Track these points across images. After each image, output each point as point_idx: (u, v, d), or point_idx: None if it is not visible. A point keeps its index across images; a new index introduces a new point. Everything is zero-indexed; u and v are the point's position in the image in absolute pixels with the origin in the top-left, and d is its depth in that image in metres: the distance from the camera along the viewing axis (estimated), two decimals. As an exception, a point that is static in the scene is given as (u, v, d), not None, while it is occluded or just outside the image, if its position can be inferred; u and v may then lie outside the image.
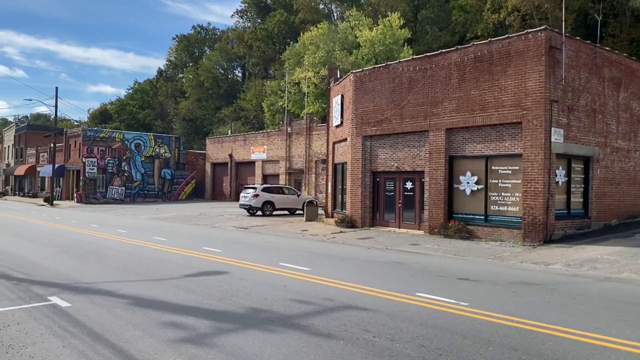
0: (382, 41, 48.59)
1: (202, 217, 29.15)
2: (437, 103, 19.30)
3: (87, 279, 9.90)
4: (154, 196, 49.70)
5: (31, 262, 12.06)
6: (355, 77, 22.58)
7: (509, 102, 17.11)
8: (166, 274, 10.32)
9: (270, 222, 25.77)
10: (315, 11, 70.13)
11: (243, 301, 7.92)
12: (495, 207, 17.86)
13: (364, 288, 9.04)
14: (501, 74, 17.36)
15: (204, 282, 9.43)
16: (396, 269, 11.82)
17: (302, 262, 12.12)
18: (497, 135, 17.73)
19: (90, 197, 45.44)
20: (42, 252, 13.93)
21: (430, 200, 19.49)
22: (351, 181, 22.69)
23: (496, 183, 17.84)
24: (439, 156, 19.23)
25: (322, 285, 9.33)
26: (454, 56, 18.86)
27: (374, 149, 22.07)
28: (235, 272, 10.52)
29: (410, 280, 10.15)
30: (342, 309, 7.45)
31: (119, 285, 9.17)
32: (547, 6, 50.41)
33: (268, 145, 44.43)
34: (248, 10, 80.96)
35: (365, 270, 11.48)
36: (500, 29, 54.91)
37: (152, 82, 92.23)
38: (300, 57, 52.05)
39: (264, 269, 11.06)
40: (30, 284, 9.31)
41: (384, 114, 21.30)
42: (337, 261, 13.03)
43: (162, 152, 50.56)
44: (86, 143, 45.70)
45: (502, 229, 17.51)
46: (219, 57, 78.81)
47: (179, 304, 7.79)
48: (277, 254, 14.07)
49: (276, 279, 9.85)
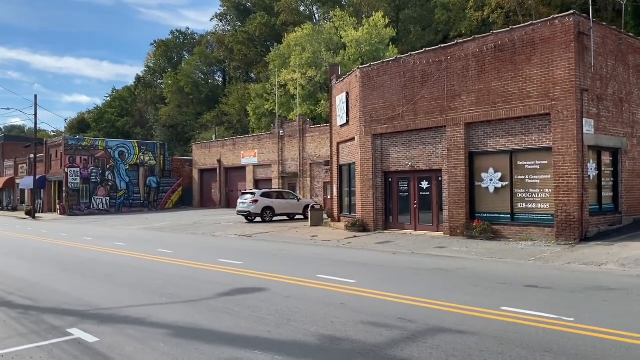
0: (369, 41, 47.78)
1: (199, 226, 27.65)
2: (455, 97, 18.25)
3: (105, 303, 8.49)
4: (140, 205, 47.78)
5: (32, 283, 10.57)
6: (362, 72, 21.43)
7: (535, 93, 16.13)
8: (195, 294, 8.97)
9: (274, 229, 24.43)
10: (296, 13, 69.01)
11: (307, 326, 6.64)
12: (522, 204, 16.84)
13: (434, 303, 7.84)
14: (525, 63, 16.38)
15: (245, 303, 8.12)
16: (446, 277, 10.65)
17: (339, 273, 10.87)
18: (523, 128, 16.73)
19: (74, 209, 43.36)
20: (41, 271, 12.41)
21: (450, 199, 18.41)
22: (361, 183, 21.49)
23: (523, 179, 16.84)
24: (458, 153, 18.17)
25: (383, 301, 8.09)
26: (471, 46, 17.84)
27: (385, 148, 20.93)
28: (273, 289, 9.21)
29: (475, 290, 8.97)
30: (432, 332, 6.23)
31: (146, 311, 7.80)
32: (531, 2, 50.22)
33: (259, 149, 43.00)
34: (227, 13, 79.41)
35: (413, 279, 10.29)
36: (484, 27, 54.66)
37: (130, 89, 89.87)
38: (286, 59, 50.91)
39: (303, 283, 9.78)
40: (40, 313, 7.88)
41: (395, 111, 20.17)
42: (375, 270, 11.81)
43: (146, 160, 48.69)
44: (68, 152, 43.64)
45: (531, 228, 16.50)
46: (199, 62, 77.10)
47: (232, 333, 6.47)
48: (304, 264, 12.80)
49: (325, 295, 8.58)
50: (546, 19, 16.37)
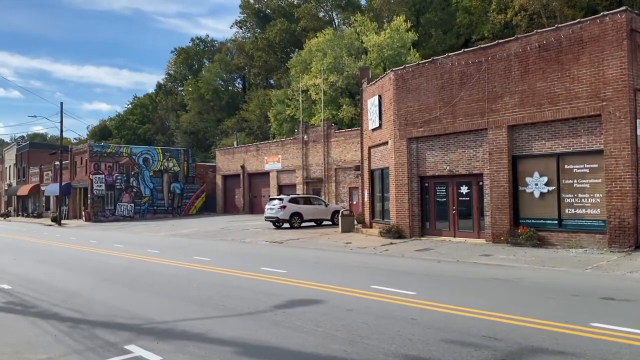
0: (390, 45, 47.29)
1: (226, 232, 27.29)
2: (496, 98, 17.62)
3: (157, 315, 8.07)
4: (164, 212, 47.73)
5: (74, 293, 10.21)
6: (396, 75, 20.90)
7: (584, 94, 15.45)
8: (250, 306, 8.50)
9: (304, 235, 23.95)
10: (316, 19, 68.89)
11: (384, 344, 6.11)
12: (570, 210, 16.13)
13: (512, 318, 7.26)
14: (573, 62, 15.72)
15: (305, 316, 7.62)
16: (508, 288, 10.04)
17: (392, 283, 10.33)
18: (570, 130, 16.04)
19: (98, 215, 43.42)
20: (80, 280, 12.07)
21: (492, 205, 17.75)
22: (396, 188, 20.92)
23: (571, 183, 16.13)
24: (501, 156, 17.52)
25: (455, 315, 7.53)
26: (513, 46, 17.22)
27: (420, 152, 20.34)
28: (330, 300, 8.70)
29: (551, 303, 8.35)
30: (529, 353, 5.66)
31: (203, 325, 7.35)
32: (555, 4, 49.29)
33: (283, 155, 42.65)
34: (247, 20, 79.50)
35: (474, 291, 9.69)
36: (507, 30, 53.79)
37: (151, 97, 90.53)
38: (307, 64, 50.69)
39: (359, 294, 9.26)
40: (90, 326, 7.48)
41: (432, 114, 19.60)
42: (428, 280, 11.23)
43: (170, 166, 48.66)
44: (93, 159, 43.76)
45: (580, 234, 15.77)
46: (219, 69, 77.25)
47: (304, 351, 5.97)
48: (351, 274, 12.28)
49: (388, 309, 8.04)
50: (595, 16, 15.70)
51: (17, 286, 11.27)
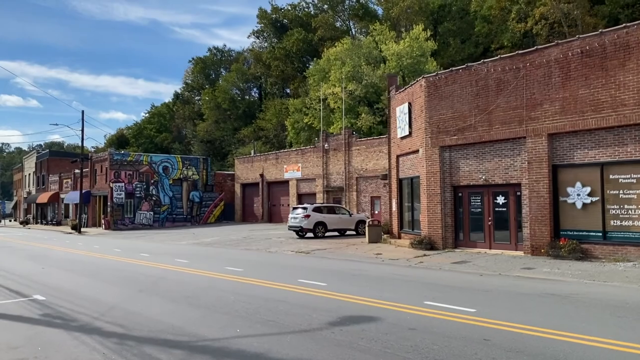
0: (410, 54, 46.95)
1: (250, 241, 26.87)
2: (535, 105, 17.06)
3: (206, 331, 7.61)
4: (183, 220, 47.52)
5: (111, 306, 9.81)
6: (428, 82, 20.43)
7: (631, 101, 14.85)
8: (302, 322, 8.02)
9: (330, 245, 23.45)
10: (333, 28, 68.88)
11: (465, 368, 5.60)
12: (616, 222, 15.47)
13: (594, 340, 6.71)
14: (618, 68, 15.14)
15: (366, 335, 7.12)
16: (568, 304, 9.44)
17: (444, 299, 9.80)
18: (616, 138, 15.43)
19: (118, 223, 43.29)
20: (114, 291, 11.68)
21: (532, 216, 17.13)
22: (427, 197, 20.36)
23: (616, 194, 15.48)
24: (541, 165, 16.93)
25: (528, 336, 6.98)
26: (553, 52, 16.68)
27: (454, 161, 19.80)
28: (386, 318, 8.18)
29: (625, 322, 7.78)
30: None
31: (260, 343, 6.88)
32: (577, 12, 48.61)
33: (303, 163, 42.28)
34: (264, 30, 79.68)
35: (534, 308, 9.10)
36: (526, 39, 53.17)
37: (168, 106, 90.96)
38: (326, 73, 50.51)
39: (414, 311, 8.73)
40: (138, 343, 7.04)
41: (466, 121, 19.07)
42: (481, 295, 10.66)
43: (190, 175, 48.52)
44: (113, 167, 43.73)
45: (627, 247, 15.10)
46: (236, 78, 77.40)
47: (378, 375, 5.48)
48: (396, 287, 11.75)
49: (454, 328, 7.49)
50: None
51: (51, 297, 10.91)
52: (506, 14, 52.71)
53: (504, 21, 53.17)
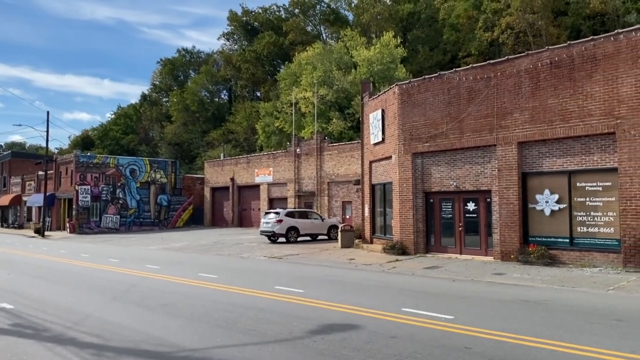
0: (380, 60, 47.45)
1: (221, 246, 26.61)
2: (506, 114, 17.48)
3: (186, 342, 7.49)
4: (150, 224, 46.66)
5: (85, 314, 9.55)
6: (401, 89, 20.68)
7: (598, 111, 15.38)
8: (283, 331, 7.98)
9: (303, 250, 23.42)
10: (304, 32, 69.02)
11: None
12: (582, 228, 15.95)
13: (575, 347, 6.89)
14: (586, 79, 15.65)
15: (348, 344, 7.13)
16: (542, 310, 9.67)
17: (421, 305, 9.91)
18: (583, 147, 15.93)
19: (83, 227, 42.22)
20: (87, 299, 11.38)
21: (501, 222, 17.51)
22: (400, 203, 20.58)
23: (583, 201, 15.98)
24: (510, 173, 17.33)
25: (511, 344, 7.11)
26: (524, 62, 17.13)
27: (426, 167, 20.08)
28: (366, 325, 8.22)
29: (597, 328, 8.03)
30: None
31: (242, 353, 6.81)
32: (541, 23, 50.05)
33: (274, 168, 42.13)
34: (235, 32, 79.19)
35: (510, 315, 9.30)
36: (493, 48, 54.49)
37: (135, 107, 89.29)
38: (297, 77, 50.56)
39: (393, 318, 8.80)
40: (117, 354, 6.88)
41: (438, 129, 19.38)
42: (456, 302, 10.82)
43: (158, 178, 47.71)
44: (79, 170, 42.65)
45: (593, 253, 15.59)
46: (205, 80, 76.61)
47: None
48: (372, 294, 11.82)
49: (435, 336, 7.57)
50: (609, 34, 15.65)
51: (20, 305, 10.56)
52: (474, 23, 53.86)
53: (472, 30, 54.31)
